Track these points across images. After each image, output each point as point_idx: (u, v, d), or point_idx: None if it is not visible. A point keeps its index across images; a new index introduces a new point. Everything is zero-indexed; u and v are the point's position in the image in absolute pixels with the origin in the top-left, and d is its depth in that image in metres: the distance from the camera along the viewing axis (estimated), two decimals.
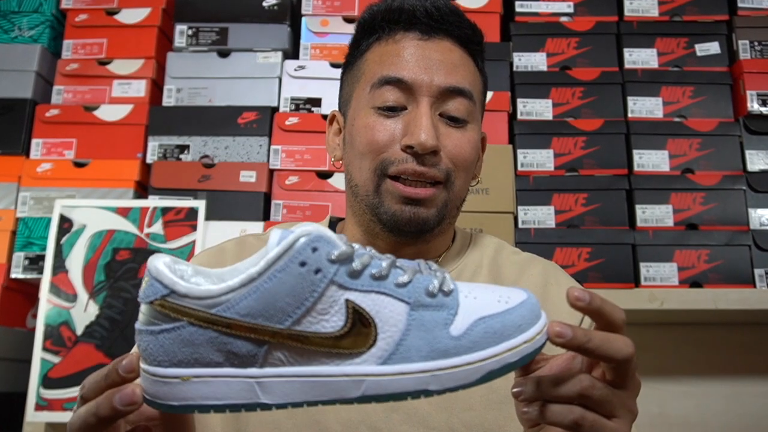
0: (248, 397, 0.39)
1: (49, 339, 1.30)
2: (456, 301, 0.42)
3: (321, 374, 0.39)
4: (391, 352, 0.40)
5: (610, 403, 0.45)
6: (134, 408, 0.41)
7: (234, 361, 0.39)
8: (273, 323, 0.39)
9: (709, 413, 1.46)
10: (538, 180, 1.41)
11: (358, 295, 0.40)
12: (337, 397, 0.40)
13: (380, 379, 0.39)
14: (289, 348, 0.39)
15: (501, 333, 0.41)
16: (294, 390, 0.39)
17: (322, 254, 0.40)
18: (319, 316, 0.40)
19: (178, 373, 0.39)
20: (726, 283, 1.33)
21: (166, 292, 0.39)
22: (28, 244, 1.42)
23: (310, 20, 1.54)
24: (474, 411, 0.67)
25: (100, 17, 1.56)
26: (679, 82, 1.46)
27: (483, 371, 0.40)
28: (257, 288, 0.39)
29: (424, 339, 0.40)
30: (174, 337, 0.39)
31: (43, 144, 1.48)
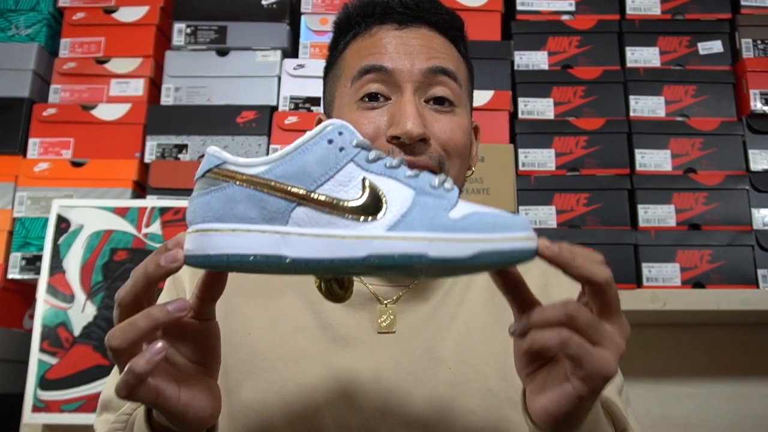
0: (273, 249, 0.45)
1: (46, 340, 1.30)
2: (455, 197, 0.48)
3: (335, 234, 0.45)
4: (397, 221, 0.46)
5: (596, 330, 0.47)
6: (177, 265, 0.46)
7: (265, 217, 0.46)
8: (302, 185, 0.47)
9: (711, 414, 1.46)
10: (539, 180, 1.40)
11: (373, 176, 0.48)
12: (347, 255, 0.45)
13: (385, 241, 0.45)
14: (312, 209, 0.46)
15: (493, 225, 0.46)
16: (312, 246, 0.45)
17: (346, 138, 0.48)
18: (340, 186, 0.47)
19: (218, 226, 0.46)
20: (729, 283, 1.32)
21: (220, 162, 0.48)
22: (25, 245, 1.41)
23: (310, 19, 1.53)
24: (475, 415, 0.66)
25: (97, 16, 1.55)
26: (682, 81, 1.45)
27: (475, 249, 0.45)
28: (292, 157, 0.47)
29: (426, 215, 0.46)
30: (220, 196, 0.47)
31: (41, 143, 1.47)
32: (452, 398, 0.67)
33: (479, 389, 0.67)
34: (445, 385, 0.67)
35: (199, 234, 0.47)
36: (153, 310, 0.47)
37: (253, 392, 0.67)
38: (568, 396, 0.48)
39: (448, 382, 0.67)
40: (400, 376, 0.67)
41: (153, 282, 0.47)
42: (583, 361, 0.46)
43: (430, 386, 0.67)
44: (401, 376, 0.67)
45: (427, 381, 0.67)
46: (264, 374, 0.67)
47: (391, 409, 0.66)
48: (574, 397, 0.48)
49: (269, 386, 0.67)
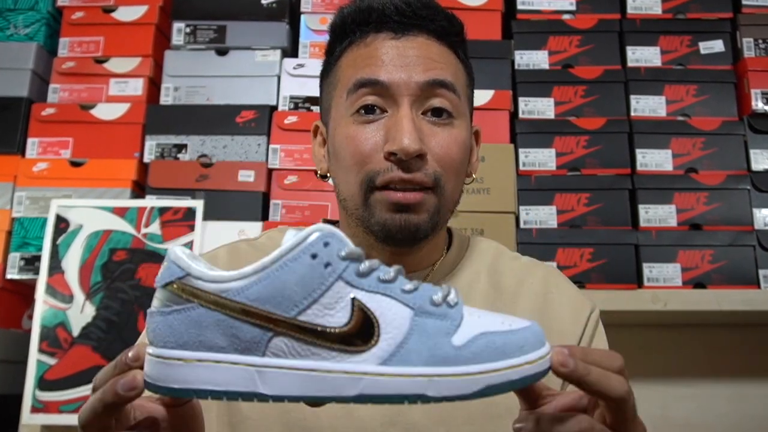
0: (247, 386, 0.40)
1: (45, 340, 1.29)
2: (460, 315, 0.43)
3: (320, 369, 0.40)
4: (392, 353, 0.41)
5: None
6: (135, 393, 0.42)
7: (237, 347, 0.41)
8: (280, 311, 0.41)
9: (712, 415, 1.45)
10: (539, 180, 1.39)
11: (365, 295, 0.42)
12: (334, 394, 0.40)
13: (379, 378, 0.40)
14: (293, 338, 0.41)
15: (503, 350, 0.41)
16: (293, 383, 0.40)
17: (333, 250, 0.42)
18: (325, 309, 0.41)
19: (182, 355, 0.41)
20: (730, 283, 1.32)
21: (182, 274, 0.42)
22: (24, 245, 1.40)
23: (309, 18, 1.53)
24: (473, 425, 0.66)
25: (96, 15, 1.55)
26: (683, 80, 1.44)
27: (482, 384, 0.41)
28: (268, 275, 0.41)
29: (426, 344, 0.41)
30: (183, 318, 0.41)
31: (39, 143, 1.47)
32: (451, 408, 0.65)
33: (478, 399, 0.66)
34: None
35: (161, 362, 0.41)
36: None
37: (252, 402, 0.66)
38: None
39: None
40: None
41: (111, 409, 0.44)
42: None
43: None
44: None
45: None
46: None
47: (389, 419, 0.66)
48: None
49: None
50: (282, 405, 0.65)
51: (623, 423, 0.45)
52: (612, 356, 0.46)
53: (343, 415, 0.65)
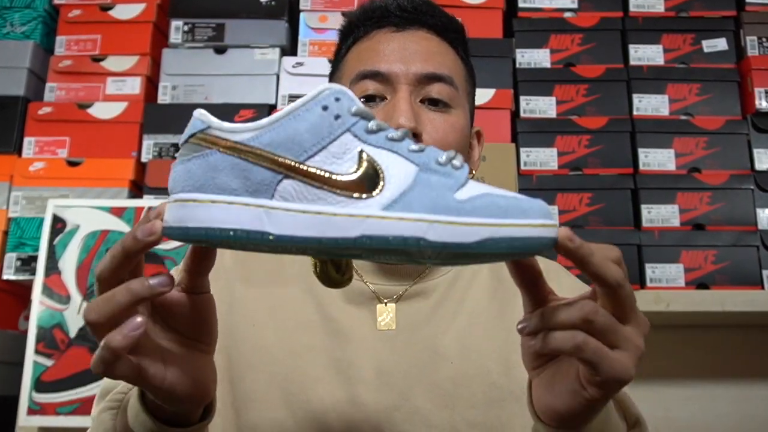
0: (255, 225, 0.42)
1: (41, 342, 1.29)
2: (464, 176, 0.43)
3: (325, 212, 0.42)
4: (394, 200, 0.42)
5: (613, 332, 0.44)
6: (154, 238, 0.44)
7: (249, 189, 0.43)
8: (290, 155, 0.43)
9: (714, 417, 1.45)
10: (541, 179, 1.39)
11: (372, 149, 0.43)
12: (337, 235, 0.41)
13: (380, 221, 0.41)
14: (300, 182, 0.42)
15: (506, 209, 0.41)
16: (298, 223, 0.42)
17: (343, 104, 0.44)
18: (333, 157, 0.43)
19: (198, 197, 0.43)
20: (733, 284, 1.31)
21: (204, 126, 0.44)
22: (21, 245, 1.40)
23: (308, 16, 1.52)
24: (476, 409, 0.67)
25: (93, 13, 1.54)
26: (686, 79, 1.44)
27: (481, 235, 0.41)
28: (282, 124, 0.43)
29: (428, 195, 0.42)
30: (201, 163, 0.43)
31: (36, 142, 1.46)
32: (455, 393, 0.67)
33: (482, 384, 0.68)
34: (448, 380, 0.67)
35: (178, 204, 0.43)
36: (133, 284, 0.44)
37: (256, 384, 0.67)
38: (579, 399, 0.46)
39: (450, 377, 0.68)
40: (402, 371, 0.68)
41: (131, 255, 0.45)
42: (599, 367, 0.44)
43: (432, 381, 0.67)
44: (403, 371, 0.68)
45: (429, 376, 0.68)
46: (267, 367, 0.68)
47: (393, 404, 0.66)
48: (585, 400, 0.46)
49: (272, 379, 0.67)
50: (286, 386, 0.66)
51: (622, 310, 0.45)
52: (610, 247, 0.46)
53: (347, 400, 0.66)
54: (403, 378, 0.67)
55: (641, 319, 0.47)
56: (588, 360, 0.44)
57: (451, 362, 0.68)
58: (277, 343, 0.69)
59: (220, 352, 0.69)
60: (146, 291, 0.44)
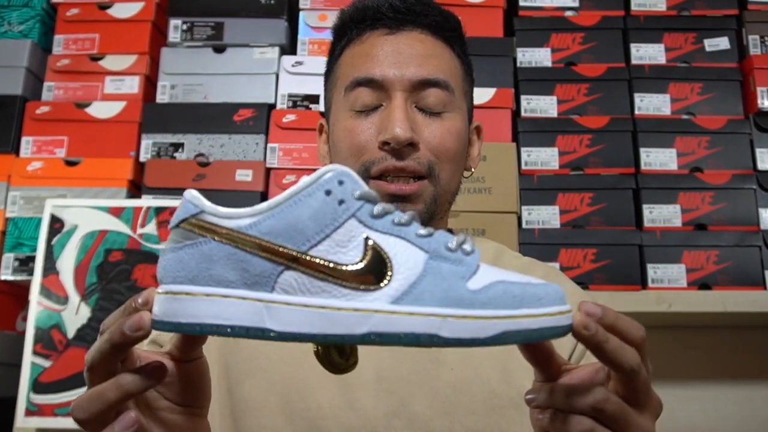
0: (255, 321, 0.40)
1: (39, 342, 1.28)
2: (476, 262, 0.42)
3: (330, 306, 0.40)
4: (404, 293, 0.40)
5: (623, 420, 0.44)
6: (142, 333, 0.42)
7: (247, 281, 0.40)
8: (292, 244, 0.40)
9: (717, 418, 1.44)
10: (542, 179, 1.38)
11: (378, 235, 0.41)
12: (343, 332, 0.39)
13: (390, 316, 0.39)
14: (303, 273, 0.40)
15: (521, 298, 0.40)
16: (301, 319, 0.40)
17: (347, 188, 0.42)
18: (337, 246, 0.41)
19: (191, 289, 0.40)
20: (736, 284, 1.30)
21: (196, 211, 0.42)
22: (18, 245, 1.39)
23: (308, 15, 1.51)
24: (476, 416, 0.66)
25: (91, 12, 1.53)
26: (688, 78, 1.43)
27: (497, 329, 0.39)
28: (282, 210, 0.41)
29: (440, 286, 0.40)
30: (194, 252, 0.41)
31: (34, 142, 1.45)
32: (454, 399, 0.67)
33: (481, 390, 0.67)
34: (447, 387, 0.67)
35: (169, 297, 0.41)
36: (124, 379, 0.43)
37: (254, 391, 0.67)
38: None
39: (450, 384, 0.67)
40: (402, 377, 0.67)
41: (120, 349, 0.43)
42: None
43: (431, 387, 0.67)
44: (403, 377, 0.67)
45: (429, 382, 0.67)
46: (265, 374, 0.67)
47: (392, 410, 0.66)
48: None
49: (271, 386, 0.67)
50: (284, 393, 0.66)
51: (634, 395, 0.45)
52: (637, 327, 0.45)
53: (346, 406, 0.65)
54: (402, 384, 0.67)
55: (654, 401, 0.46)
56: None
57: (451, 368, 0.68)
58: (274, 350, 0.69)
59: (218, 361, 0.69)
60: (139, 387, 0.43)
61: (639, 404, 0.45)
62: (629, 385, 0.44)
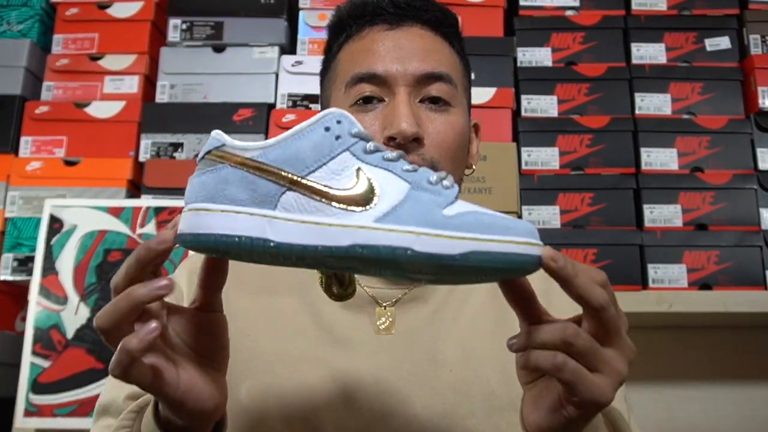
0: (259, 232, 0.45)
1: (38, 343, 1.28)
2: (453, 195, 0.47)
3: (321, 222, 0.45)
4: (386, 213, 0.45)
5: (593, 356, 0.46)
6: (166, 246, 0.47)
7: (255, 200, 0.47)
8: (294, 170, 0.47)
9: (717, 418, 1.44)
10: (542, 179, 1.37)
11: (368, 167, 0.47)
12: (331, 243, 0.45)
13: (372, 231, 0.44)
14: (301, 194, 0.46)
15: (490, 226, 0.44)
16: (297, 232, 0.45)
17: (344, 127, 0.48)
18: (332, 174, 0.47)
19: (209, 206, 0.47)
20: (736, 285, 1.30)
21: (219, 144, 0.49)
22: (17, 245, 1.38)
23: (308, 14, 1.51)
24: (475, 418, 0.66)
25: (91, 11, 1.52)
26: (688, 78, 1.42)
27: (466, 248, 0.44)
28: (287, 142, 0.47)
29: (418, 210, 0.45)
30: (214, 176, 0.47)
31: (33, 142, 1.45)
32: (453, 401, 0.67)
33: (481, 392, 0.67)
34: (446, 388, 0.67)
35: (192, 213, 0.48)
36: (134, 289, 0.46)
37: (251, 393, 0.66)
38: (558, 417, 0.48)
39: (449, 385, 0.67)
40: (401, 378, 0.67)
41: (144, 265, 0.47)
42: (577, 388, 0.45)
43: (430, 388, 0.67)
44: (401, 378, 0.67)
45: (428, 383, 0.67)
46: (263, 376, 0.67)
47: (391, 411, 0.65)
48: (564, 418, 0.48)
49: (268, 388, 0.66)
50: (282, 395, 0.66)
51: (605, 333, 0.47)
52: (596, 271, 0.47)
53: (344, 408, 0.65)
54: (401, 385, 0.67)
55: (626, 343, 0.48)
56: (566, 381, 0.45)
57: (450, 369, 0.68)
58: (272, 352, 0.68)
59: None
60: (146, 295, 0.46)
61: (611, 342, 0.47)
62: (599, 322, 0.46)
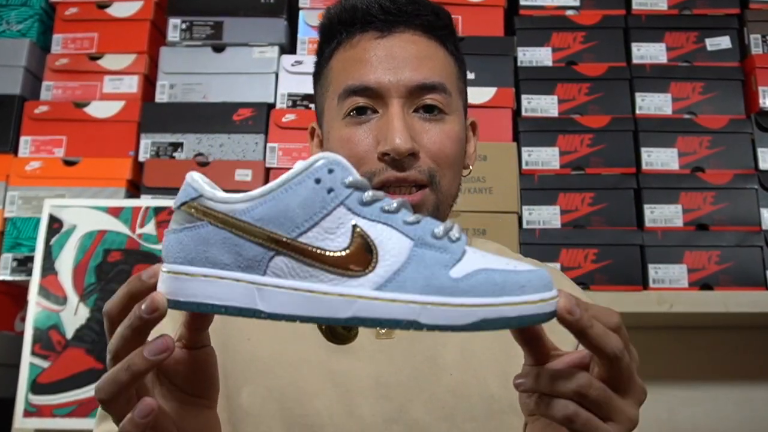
0: (247, 302, 0.42)
1: (38, 343, 1.27)
2: (461, 250, 0.43)
3: (317, 290, 0.42)
4: (387, 279, 0.41)
5: (606, 405, 0.45)
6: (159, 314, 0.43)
7: (240, 264, 0.43)
8: (282, 231, 0.42)
9: (718, 419, 1.43)
10: (543, 179, 1.37)
11: (366, 223, 0.43)
12: (328, 315, 0.41)
13: (372, 302, 0.41)
14: (293, 259, 0.42)
15: (502, 287, 0.41)
16: (290, 302, 0.42)
17: (337, 176, 0.43)
18: (325, 233, 0.42)
19: (189, 270, 0.43)
20: (737, 285, 1.29)
21: (195, 195, 0.44)
22: (17, 245, 1.38)
23: (308, 14, 1.50)
24: (476, 421, 0.66)
25: (90, 11, 1.52)
26: (689, 77, 1.42)
27: (476, 316, 0.40)
28: (273, 197, 0.43)
29: (422, 274, 0.41)
30: (193, 235, 0.43)
31: (32, 142, 1.44)
32: (453, 404, 0.66)
33: (481, 395, 0.67)
34: (447, 392, 0.67)
35: (171, 276, 0.44)
36: (132, 360, 0.44)
37: (252, 398, 0.66)
38: None
39: (449, 389, 0.67)
40: (401, 382, 0.66)
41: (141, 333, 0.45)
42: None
43: (431, 392, 0.66)
44: (402, 382, 0.66)
45: (428, 387, 0.67)
46: (263, 380, 0.67)
47: (391, 415, 0.65)
48: None
49: (268, 392, 0.66)
50: (282, 400, 0.66)
51: (618, 381, 0.46)
52: (610, 313, 0.46)
53: (344, 413, 0.65)
54: (401, 390, 0.66)
55: (638, 387, 0.47)
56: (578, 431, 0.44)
57: (451, 374, 0.67)
58: (272, 356, 0.68)
59: None
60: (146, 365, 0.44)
61: (622, 389, 0.46)
62: (612, 371, 0.45)
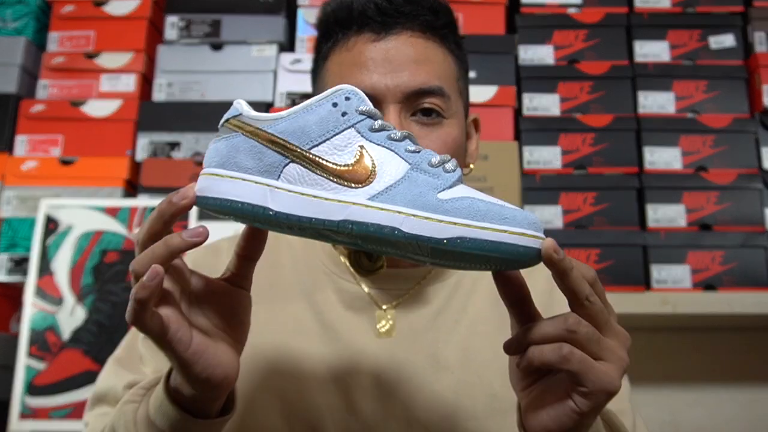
0: (260, 201, 0.48)
1: (34, 344, 1.27)
2: (453, 179, 0.47)
3: (318, 195, 0.47)
4: (380, 192, 0.46)
5: (596, 343, 0.46)
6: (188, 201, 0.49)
7: (260, 169, 0.49)
8: (298, 142, 0.48)
9: (721, 421, 1.43)
10: (544, 178, 1.36)
11: (371, 145, 0.48)
12: (324, 217, 0.47)
13: (363, 209, 0.46)
14: (303, 167, 0.48)
15: (485, 214, 0.44)
16: (294, 204, 0.47)
17: (352, 103, 0.49)
18: (335, 149, 0.48)
19: (220, 171, 0.49)
20: (741, 285, 1.29)
21: (237, 113, 0.51)
22: (13, 246, 1.37)
23: (307, 11, 1.49)
24: (477, 420, 0.66)
25: (87, 8, 1.51)
26: (692, 76, 1.41)
27: (453, 233, 0.44)
28: (296, 115, 0.49)
29: (412, 192, 0.46)
30: (227, 144, 0.50)
31: (28, 141, 1.44)
32: (455, 403, 0.66)
33: (483, 394, 0.67)
34: (449, 390, 0.67)
35: (205, 177, 0.50)
36: (171, 238, 0.48)
37: (253, 393, 0.66)
38: (569, 413, 0.47)
39: (451, 387, 0.67)
40: (402, 380, 0.67)
41: (167, 219, 0.49)
42: (585, 377, 0.45)
43: (432, 390, 0.67)
44: (403, 380, 0.67)
45: (430, 385, 0.67)
46: (264, 375, 0.67)
47: (392, 412, 0.65)
48: (575, 413, 0.47)
49: (270, 387, 0.66)
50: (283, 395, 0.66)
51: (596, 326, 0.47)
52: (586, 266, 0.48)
53: (344, 409, 0.65)
54: (402, 388, 0.66)
55: (620, 332, 0.48)
56: (574, 371, 0.45)
57: (452, 372, 0.67)
58: (274, 351, 0.68)
59: None
60: (181, 243, 0.48)
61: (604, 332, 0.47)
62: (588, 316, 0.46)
